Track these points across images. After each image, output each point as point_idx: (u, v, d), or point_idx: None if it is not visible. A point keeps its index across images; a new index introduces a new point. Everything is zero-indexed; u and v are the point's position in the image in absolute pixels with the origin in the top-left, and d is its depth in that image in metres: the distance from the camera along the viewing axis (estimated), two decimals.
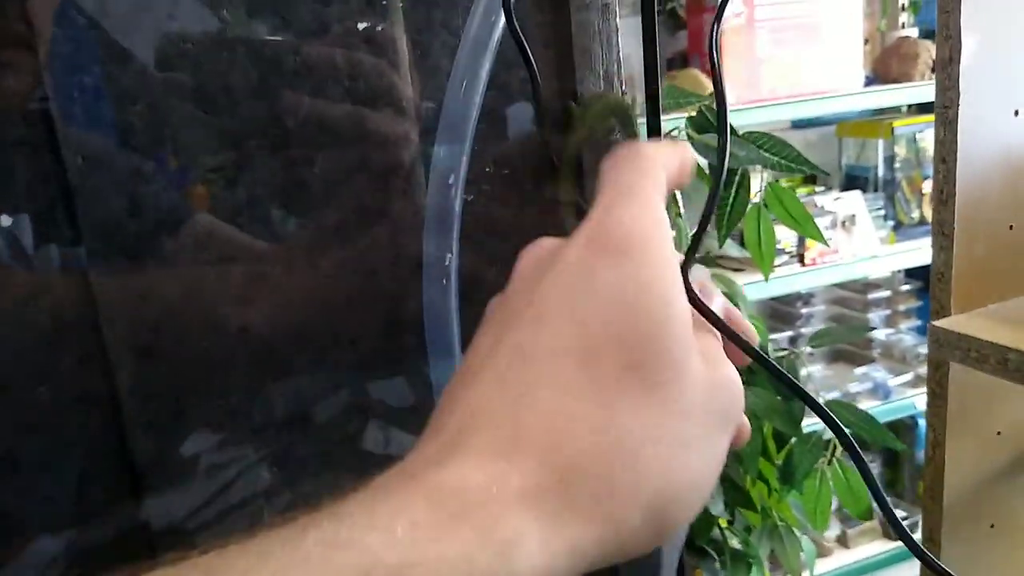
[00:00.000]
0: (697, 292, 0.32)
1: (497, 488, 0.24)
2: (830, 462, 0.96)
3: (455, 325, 0.48)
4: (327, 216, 0.52)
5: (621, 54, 0.50)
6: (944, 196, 0.67)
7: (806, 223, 0.90)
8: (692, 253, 0.33)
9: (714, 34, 0.36)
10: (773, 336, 2.17)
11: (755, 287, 1.83)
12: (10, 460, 0.52)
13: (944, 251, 0.68)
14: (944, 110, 0.66)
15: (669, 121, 0.96)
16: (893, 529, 0.47)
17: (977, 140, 0.66)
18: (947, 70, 0.65)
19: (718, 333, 0.32)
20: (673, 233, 0.30)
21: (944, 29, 0.65)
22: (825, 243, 0.92)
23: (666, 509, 0.27)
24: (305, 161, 0.50)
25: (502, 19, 0.46)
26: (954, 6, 0.64)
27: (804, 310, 2.20)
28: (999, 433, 0.73)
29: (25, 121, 0.50)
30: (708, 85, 2.01)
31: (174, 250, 0.53)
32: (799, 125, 2.26)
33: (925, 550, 0.38)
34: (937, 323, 0.67)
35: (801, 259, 1.97)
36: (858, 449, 0.59)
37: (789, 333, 2.18)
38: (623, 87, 0.51)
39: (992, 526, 0.76)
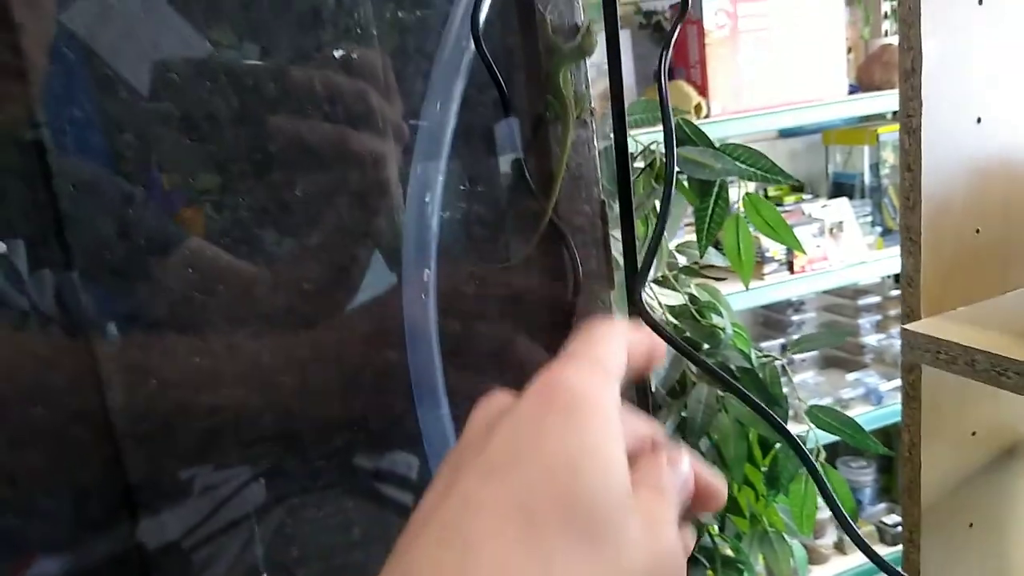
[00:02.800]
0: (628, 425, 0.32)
1: None
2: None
3: (434, 338, 0.50)
4: (313, 236, 0.54)
5: (589, 74, 0.53)
6: (911, 203, 0.69)
7: (783, 231, 0.92)
8: (646, 269, 0.35)
9: (663, 61, 0.38)
10: (764, 344, 2.19)
11: (746, 295, 1.85)
12: (9, 479, 0.54)
13: (912, 256, 0.69)
14: (908, 119, 0.68)
15: (648, 134, 0.98)
16: (852, 540, 0.49)
17: (941, 147, 0.68)
18: (910, 80, 0.67)
19: (668, 492, 0.33)
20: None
21: (905, 40, 0.67)
22: (802, 251, 0.94)
23: None
24: (290, 183, 0.52)
25: (472, 44, 0.48)
26: (914, 19, 0.66)
27: (795, 317, 2.22)
28: (974, 433, 0.75)
29: (18, 149, 0.51)
30: (693, 96, 2.04)
31: (165, 273, 0.54)
32: (786, 134, 2.29)
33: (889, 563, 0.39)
34: (908, 327, 0.69)
35: (791, 267, 1.99)
36: (817, 469, 0.61)
37: (781, 340, 2.20)
38: (591, 104, 0.53)
39: (971, 525, 0.77)
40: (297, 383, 0.56)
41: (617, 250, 0.55)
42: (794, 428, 1.01)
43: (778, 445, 0.96)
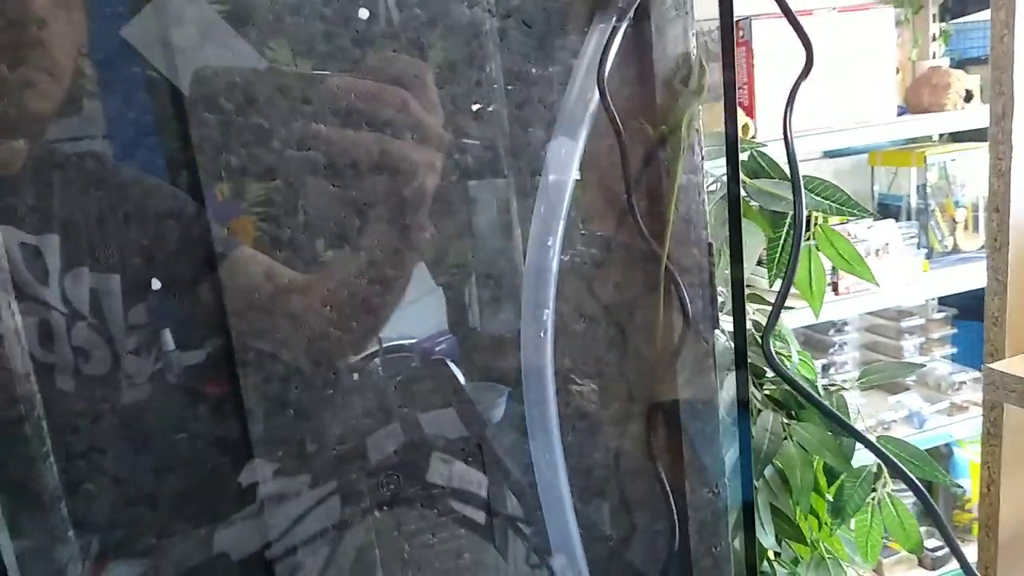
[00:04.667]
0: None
1: None
2: (879, 496, 0.99)
3: (550, 378, 0.52)
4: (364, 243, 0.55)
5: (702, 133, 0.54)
6: (998, 244, 0.70)
7: (857, 263, 0.93)
8: (772, 321, 0.36)
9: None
10: None
11: (790, 314, 1.85)
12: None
13: (998, 296, 0.70)
14: (998, 162, 0.69)
15: (716, 167, 1.00)
16: (960, 566, 0.50)
17: None
18: (1000, 124, 0.69)
19: None
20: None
21: (998, 85, 0.68)
22: (875, 283, 0.95)
23: None
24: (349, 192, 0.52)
25: (596, 95, 0.50)
26: (1007, 64, 0.67)
27: (837, 338, 2.22)
28: None
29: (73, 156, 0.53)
30: (741, 116, 2.05)
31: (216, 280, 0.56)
32: (831, 155, 2.29)
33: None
34: (992, 365, 0.70)
35: (835, 287, 1.99)
36: (923, 489, 0.62)
37: (823, 361, 2.20)
38: (702, 149, 0.55)
39: None
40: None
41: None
42: (857, 456, 1.03)
43: (844, 475, 0.97)
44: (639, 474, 0.60)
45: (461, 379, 0.68)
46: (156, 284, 0.58)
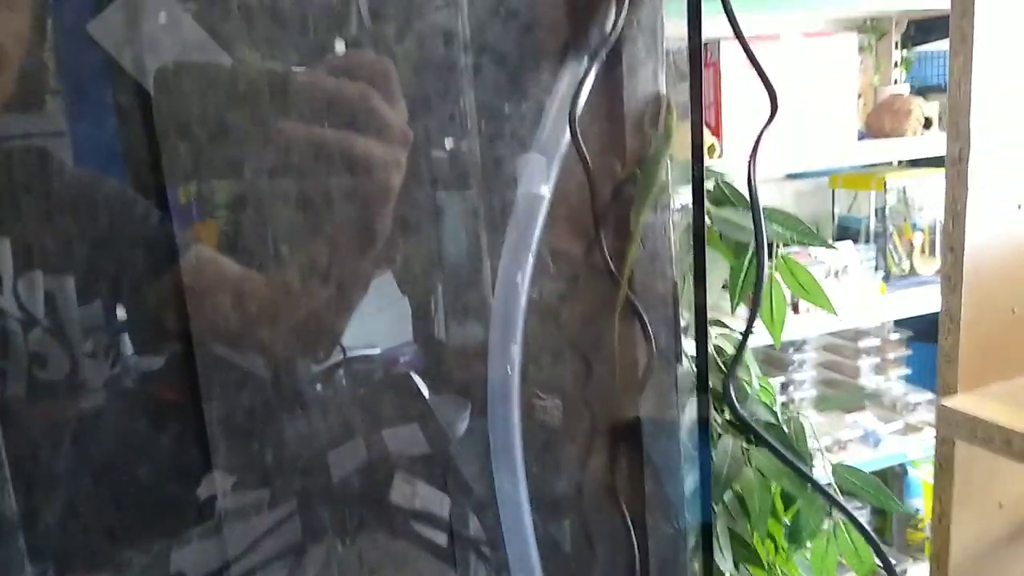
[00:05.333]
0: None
1: None
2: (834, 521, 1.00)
3: (516, 410, 0.52)
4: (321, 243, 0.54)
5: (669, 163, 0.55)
6: (952, 283, 0.72)
7: (817, 294, 0.95)
8: (735, 365, 0.37)
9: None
10: None
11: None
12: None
13: (951, 335, 0.72)
14: (953, 203, 0.71)
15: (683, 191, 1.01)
16: None
17: (982, 231, 0.71)
18: (956, 167, 0.70)
19: None
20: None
21: (954, 129, 0.70)
22: (834, 312, 0.97)
23: None
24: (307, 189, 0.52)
25: (567, 133, 0.51)
26: (964, 109, 0.69)
27: (796, 357, 2.26)
28: (1000, 505, 0.78)
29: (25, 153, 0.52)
30: (707, 136, 2.07)
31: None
32: (793, 176, 2.33)
33: None
34: (945, 402, 0.72)
35: (795, 307, 2.03)
36: (867, 529, 0.63)
37: (782, 379, 2.23)
38: (670, 189, 0.56)
39: None
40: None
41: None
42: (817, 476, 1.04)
43: (800, 500, 0.99)
44: (601, 506, 0.61)
45: (425, 392, 0.69)
46: (112, 287, 0.57)
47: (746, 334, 0.41)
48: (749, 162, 0.45)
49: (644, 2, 0.51)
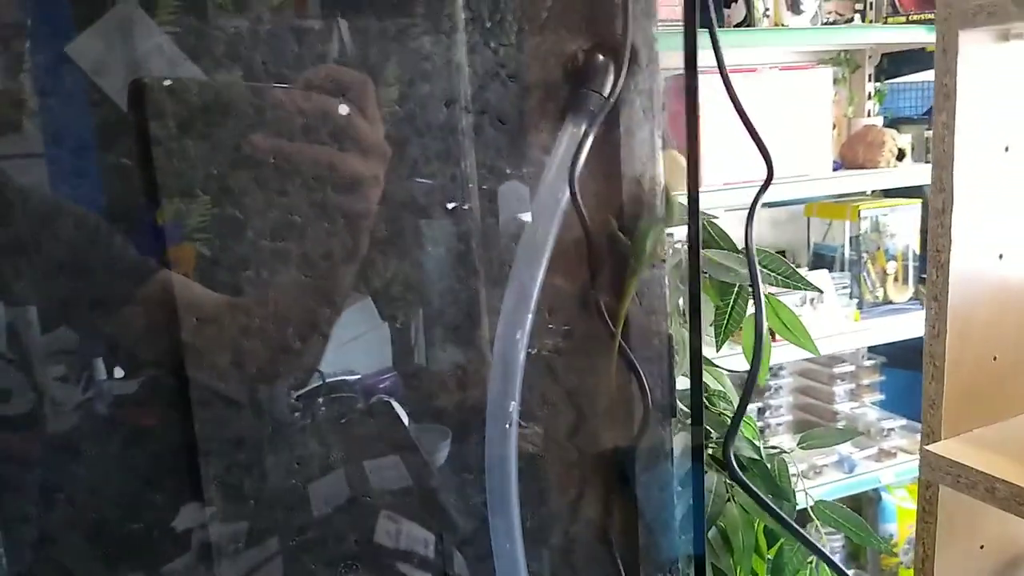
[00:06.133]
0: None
1: None
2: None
3: (514, 469, 0.53)
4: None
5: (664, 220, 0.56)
6: (936, 331, 0.73)
7: (800, 333, 0.96)
8: (734, 430, 0.37)
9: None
10: None
11: (727, 360, 1.89)
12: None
13: (935, 381, 0.74)
14: (937, 254, 0.73)
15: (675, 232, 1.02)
16: None
17: (966, 281, 0.73)
18: (940, 219, 0.72)
19: None
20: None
21: (938, 182, 0.72)
22: (817, 352, 0.98)
23: None
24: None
25: (566, 193, 0.51)
26: (947, 162, 0.71)
27: (773, 382, 2.28)
28: (982, 547, 0.79)
29: None
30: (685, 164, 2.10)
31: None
32: (769, 205, 2.36)
33: None
34: (929, 448, 0.73)
35: (773, 335, 2.05)
36: (843, 570, 0.64)
37: (759, 404, 2.25)
38: (664, 248, 0.57)
39: None
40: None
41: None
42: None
43: (783, 538, 1.00)
44: (596, 557, 0.61)
45: (405, 420, 0.68)
46: (83, 313, 0.56)
47: (743, 401, 0.42)
48: (746, 228, 0.45)
49: (643, 67, 0.52)
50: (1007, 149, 0.73)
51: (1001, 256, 0.75)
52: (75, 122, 0.55)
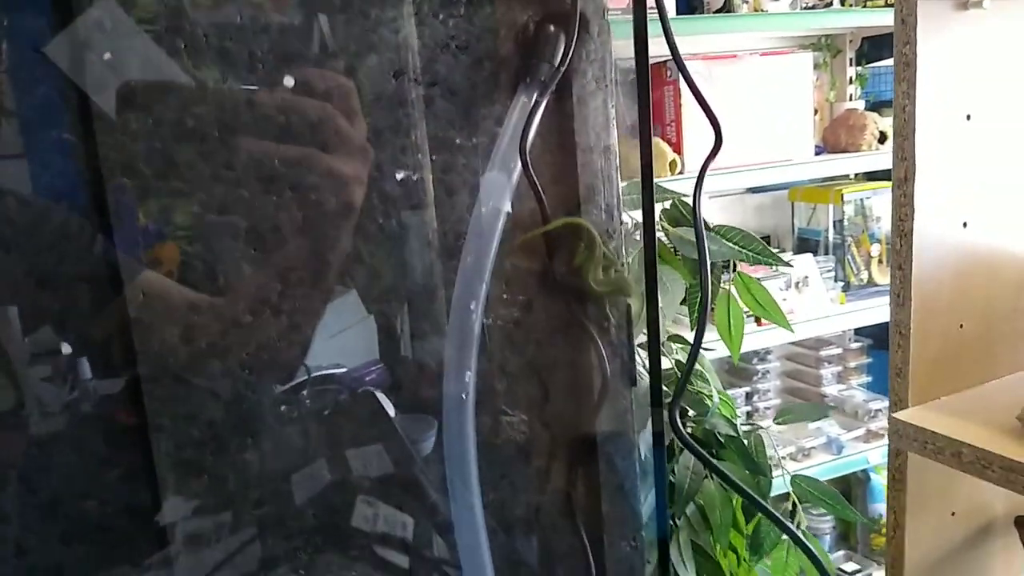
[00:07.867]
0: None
1: None
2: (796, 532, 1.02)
3: (471, 437, 0.53)
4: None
5: (620, 190, 0.56)
6: (901, 300, 0.74)
7: (773, 309, 0.96)
8: (679, 394, 0.38)
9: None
10: (731, 391, 2.24)
11: (712, 345, 1.91)
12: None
13: (902, 350, 0.74)
14: (900, 223, 0.73)
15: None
16: None
17: (930, 249, 0.73)
18: (903, 188, 0.72)
19: None
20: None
21: (900, 151, 0.72)
22: (790, 329, 0.98)
23: None
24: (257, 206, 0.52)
25: (518, 164, 0.52)
26: (909, 132, 0.71)
27: (760, 366, 2.29)
28: (953, 514, 0.79)
29: None
30: (669, 153, 2.10)
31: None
32: (754, 190, 2.37)
33: None
34: (897, 415, 0.73)
35: (758, 320, 2.06)
36: (809, 547, 0.65)
37: (747, 388, 2.26)
38: (621, 219, 0.57)
39: None
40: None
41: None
42: (774, 492, 1.06)
43: (760, 513, 1.00)
44: (559, 527, 0.61)
45: (391, 411, 0.69)
46: (64, 312, 0.56)
47: (692, 355, 0.42)
48: (694, 193, 0.46)
49: (593, 36, 0.52)
50: (968, 117, 0.73)
51: (965, 224, 0.75)
52: (53, 122, 0.55)
